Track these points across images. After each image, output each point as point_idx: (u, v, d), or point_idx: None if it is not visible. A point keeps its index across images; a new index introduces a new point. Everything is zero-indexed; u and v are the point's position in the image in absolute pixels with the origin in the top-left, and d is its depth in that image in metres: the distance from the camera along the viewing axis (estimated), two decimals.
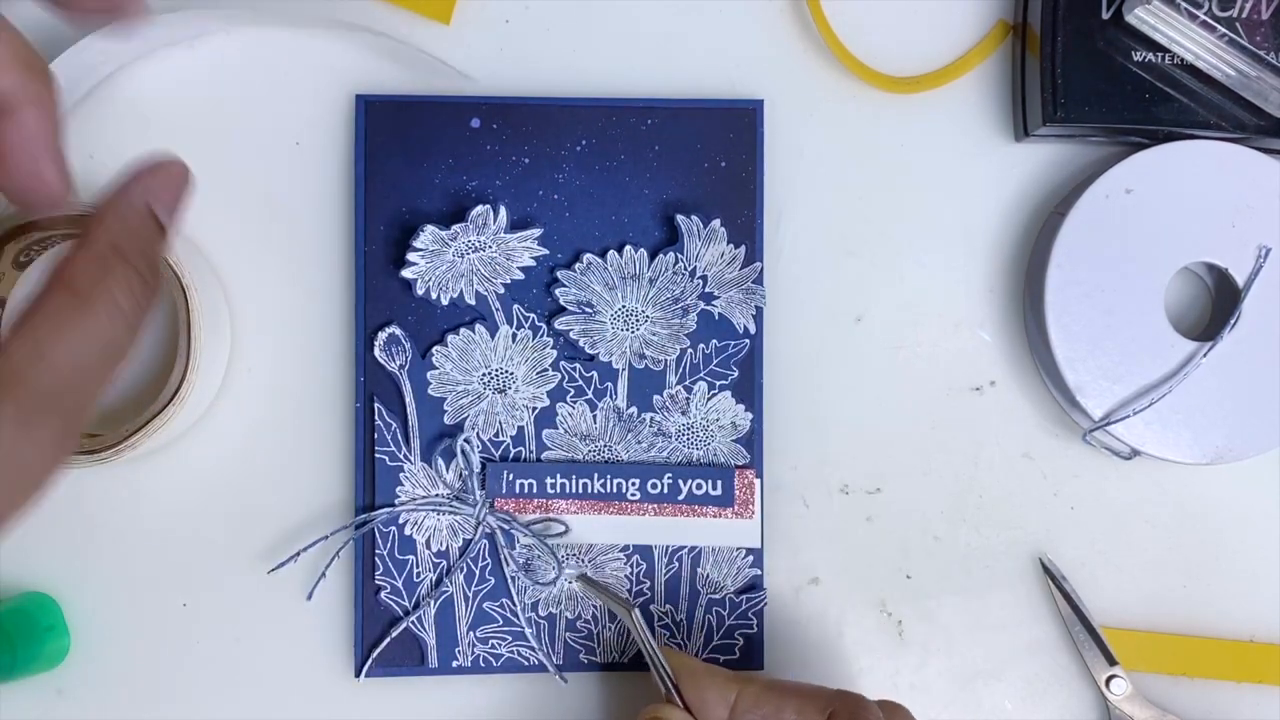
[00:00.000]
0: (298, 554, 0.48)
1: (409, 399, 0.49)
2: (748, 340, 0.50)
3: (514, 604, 0.49)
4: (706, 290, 0.49)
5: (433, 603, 0.49)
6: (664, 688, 0.45)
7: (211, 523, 0.50)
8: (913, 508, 0.52)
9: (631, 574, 0.50)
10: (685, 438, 0.49)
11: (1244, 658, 0.51)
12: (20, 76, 0.33)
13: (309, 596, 0.49)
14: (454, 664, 0.49)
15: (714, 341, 0.50)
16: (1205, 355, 0.49)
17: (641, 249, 0.49)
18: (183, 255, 0.45)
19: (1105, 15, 0.49)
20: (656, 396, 0.49)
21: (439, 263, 0.48)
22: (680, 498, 0.49)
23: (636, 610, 0.46)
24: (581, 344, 0.49)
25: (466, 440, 0.48)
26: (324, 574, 0.49)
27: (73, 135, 0.49)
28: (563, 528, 0.49)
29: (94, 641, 0.50)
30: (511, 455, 0.49)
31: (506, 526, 0.49)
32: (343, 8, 0.50)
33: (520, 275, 0.49)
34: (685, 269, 0.49)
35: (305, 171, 0.50)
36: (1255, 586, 0.52)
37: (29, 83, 0.34)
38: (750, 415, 0.50)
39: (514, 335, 0.49)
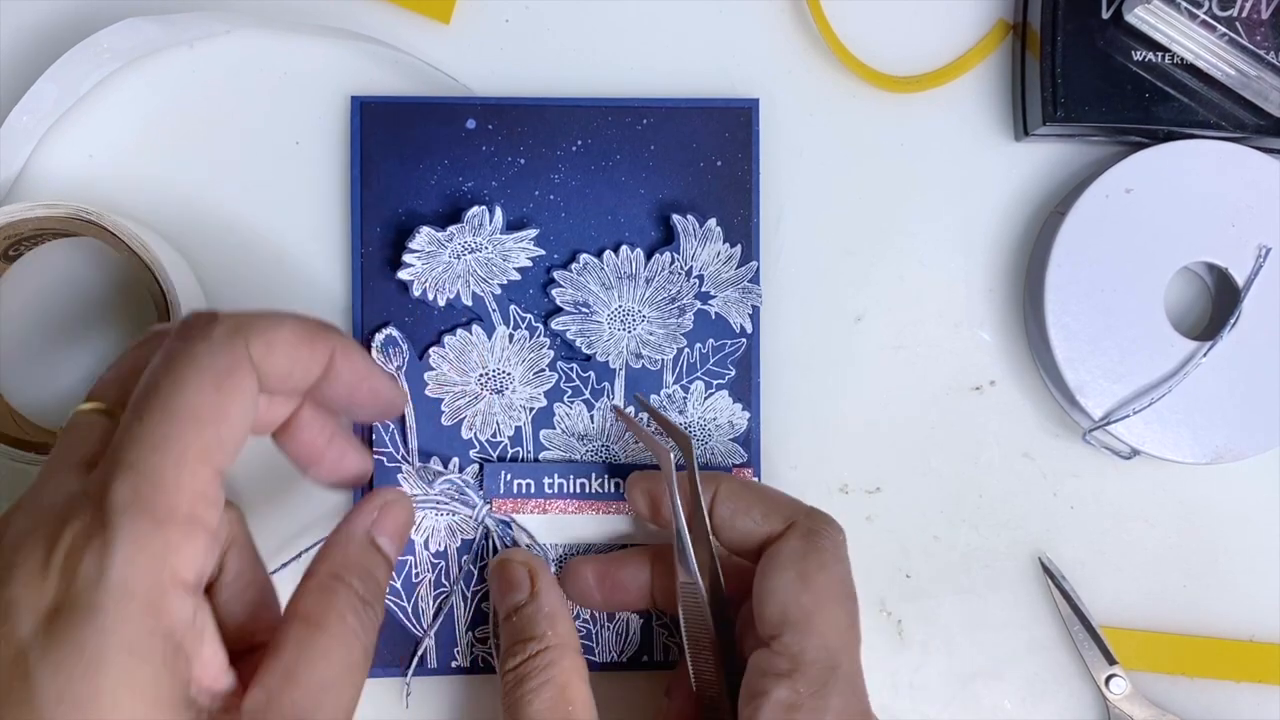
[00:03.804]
0: (300, 554, 0.48)
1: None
2: (744, 339, 0.50)
3: None
4: (703, 290, 0.49)
5: (431, 603, 0.49)
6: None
7: None
8: (913, 507, 0.52)
9: None
10: None
11: (1244, 658, 0.51)
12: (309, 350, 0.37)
13: None
14: (453, 664, 0.49)
15: (711, 341, 0.50)
16: (1205, 355, 0.49)
17: (638, 249, 0.49)
18: (168, 262, 0.45)
19: (1105, 15, 0.49)
20: (654, 396, 0.49)
21: (435, 264, 0.48)
22: None
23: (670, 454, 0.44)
24: (578, 344, 0.49)
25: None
26: None
27: (73, 135, 0.50)
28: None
29: None
30: (509, 455, 0.49)
31: (507, 527, 0.49)
32: (342, 8, 0.50)
33: (516, 276, 0.49)
34: (681, 268, 0.49)
35: (302, 173, 0.50)
36: (1255, 586, 0.52)
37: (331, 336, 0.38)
38: (747, 414, 0.50)
39: (511, 336, 0.49)
